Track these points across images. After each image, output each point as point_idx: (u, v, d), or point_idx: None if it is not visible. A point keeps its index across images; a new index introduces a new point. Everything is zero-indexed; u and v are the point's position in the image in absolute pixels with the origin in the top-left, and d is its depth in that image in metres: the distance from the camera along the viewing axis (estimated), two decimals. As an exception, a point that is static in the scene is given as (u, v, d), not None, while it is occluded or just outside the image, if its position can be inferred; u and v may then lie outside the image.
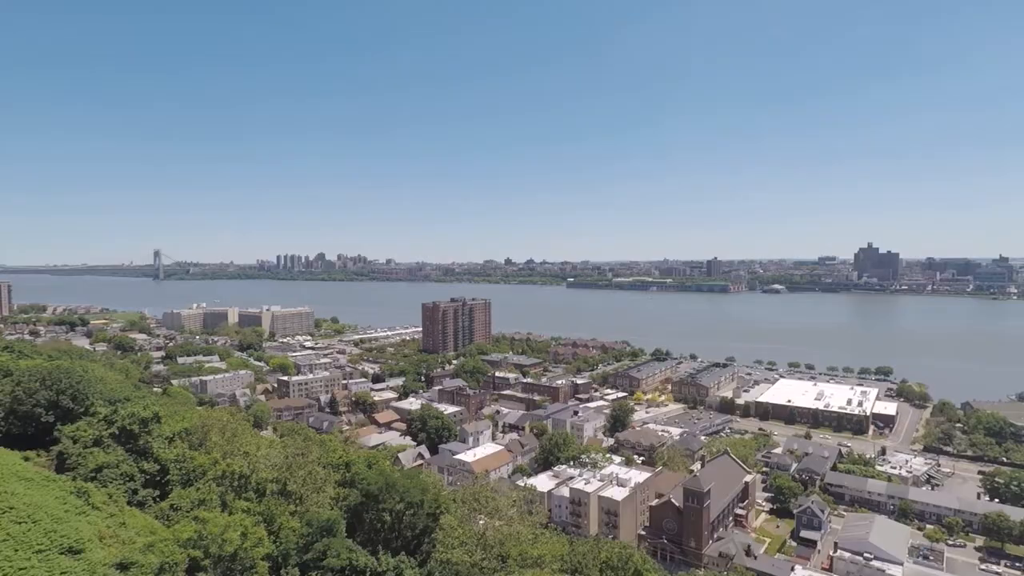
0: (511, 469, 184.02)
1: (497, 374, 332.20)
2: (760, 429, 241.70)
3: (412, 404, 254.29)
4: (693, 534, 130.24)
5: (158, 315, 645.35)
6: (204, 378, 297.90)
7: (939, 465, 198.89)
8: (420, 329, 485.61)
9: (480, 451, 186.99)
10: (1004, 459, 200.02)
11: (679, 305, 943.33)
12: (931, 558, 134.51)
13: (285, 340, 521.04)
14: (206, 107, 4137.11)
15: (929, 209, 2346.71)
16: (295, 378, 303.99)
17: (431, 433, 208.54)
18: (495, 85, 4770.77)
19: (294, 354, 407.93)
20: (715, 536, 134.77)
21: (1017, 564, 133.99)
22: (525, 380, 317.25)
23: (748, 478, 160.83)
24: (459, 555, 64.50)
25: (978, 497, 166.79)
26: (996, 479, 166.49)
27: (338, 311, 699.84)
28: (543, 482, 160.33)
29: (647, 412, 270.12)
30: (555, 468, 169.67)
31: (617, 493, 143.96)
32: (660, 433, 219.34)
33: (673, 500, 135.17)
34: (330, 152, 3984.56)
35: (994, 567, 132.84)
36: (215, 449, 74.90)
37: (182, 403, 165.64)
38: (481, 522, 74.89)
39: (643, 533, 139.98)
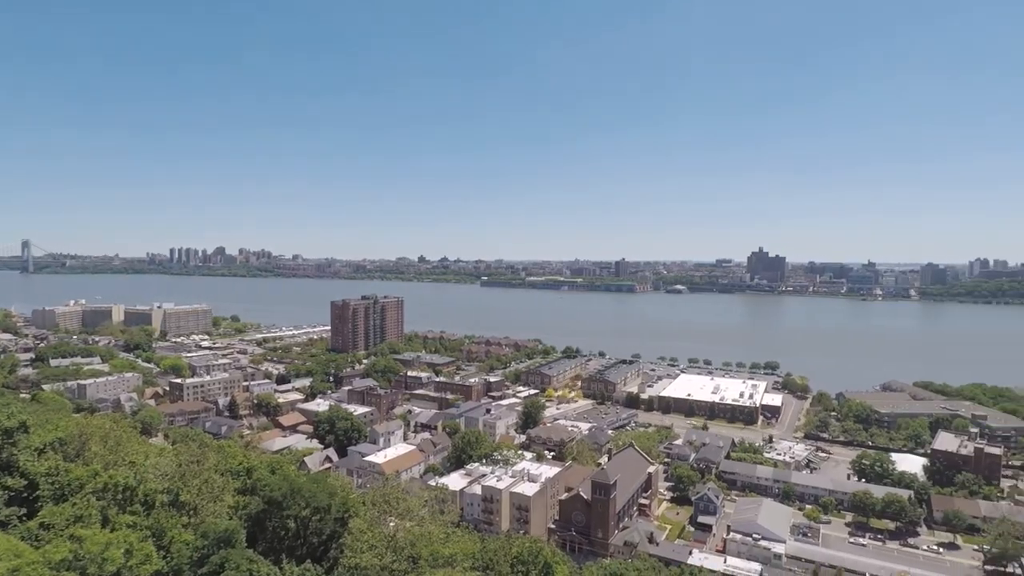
0: (423, 469, 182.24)
1: (409, 373, 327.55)
2: (663, 422, 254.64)
3: (320, 405, 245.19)
4: (600, 525, 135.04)
5: (27, 312, 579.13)
6: (82, 382, 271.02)
7: (817, 450, 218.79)
8: (329, 328, 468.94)
9: (391, 452, 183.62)
10: (870, 443, 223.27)
11: (589, 304, 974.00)
12: (809, 535, 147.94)
13: (179, 340, 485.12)
14: (88, 98, 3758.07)
15: (811, 218, 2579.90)
16: (190, 380, 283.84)
17: (340, 435, 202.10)
18: (406, 88, 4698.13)
19: (189, 355, 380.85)
20: (621, 526, 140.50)
21: (879, 536, 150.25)
22: (438, 379, 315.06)
23: (651, 469, 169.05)
24: (368, 559, 62.98)
25: (848, 478, 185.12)
26: (863, 461, 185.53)
27: (239, 309, 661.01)
28: (455, 481, 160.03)
29: (558, 408, 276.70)
30: (468, 466, 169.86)
31: (528, 489, 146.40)
32: (570, 428, 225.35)
33: (582, 493, 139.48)
34: (232, 145, 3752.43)
35: (860, 540, 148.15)
36: (95, 460, 68.49)
37: (55, 410, 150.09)
38: (392, 524, 73.56)
39: (553, 527, 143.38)
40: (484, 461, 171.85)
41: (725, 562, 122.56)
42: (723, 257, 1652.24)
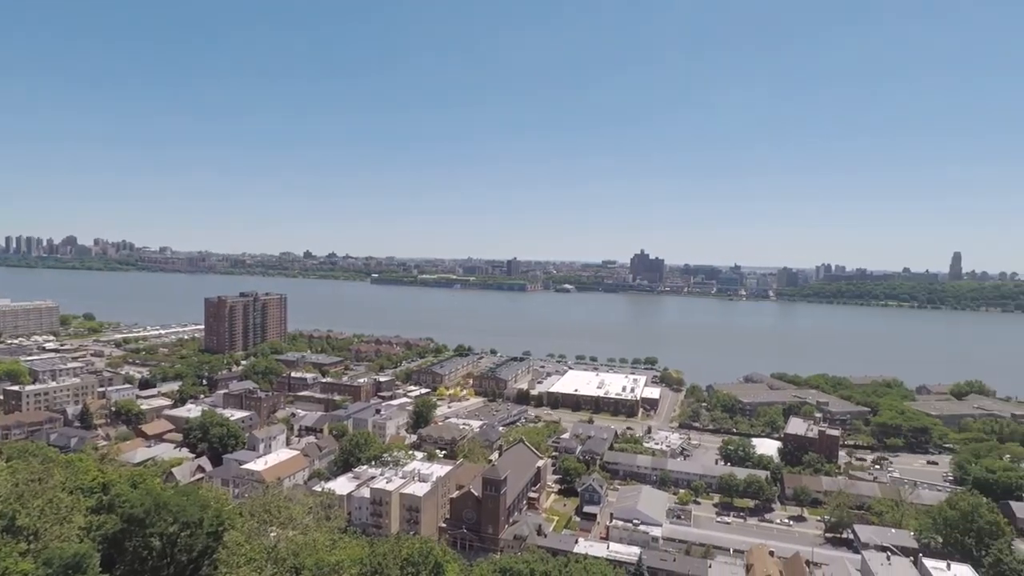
0: (308, 474, 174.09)
1: (293, 374, 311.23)
2: (552, 417, 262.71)
3: (191, 411, 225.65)
4: (491, 521, 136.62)
5: None
6: None
7: (690, 439, 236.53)
8: (202, 327, 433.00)
9: (272, 458, 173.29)
10: (734, 430, 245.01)
11: (481, 302, 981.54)
12: (682, 517, 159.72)
13: (17, 341, 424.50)
14: None
15: (686, 222, 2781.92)
16: (31, 387, 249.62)
17: (214, 442, 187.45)
18: (291, 74, 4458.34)
19: (30, 358, 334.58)
20: (511, 520, 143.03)
21: (741, 513, 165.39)
22: (324, 380, 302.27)
23: (540, 463, 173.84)
24: (246, 573, 59.08)
25: (716, 463, 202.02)
26: (728, 447, 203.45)
27: (94, 306, 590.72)
28: (343, 485, 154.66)
29: (450, 407, 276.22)
30: (356, 469, 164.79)
31: (419, 489, 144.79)
32: (461, 426, 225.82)
33: (473, 490, 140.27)
34: (92, 127, 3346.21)
35: (726, 518, 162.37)
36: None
37: None
38: (273, 534, 69.59)
39: (444, 525, 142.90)
40: (373, 463, 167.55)
41: (608, 548, 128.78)
42: (609, 258, 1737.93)
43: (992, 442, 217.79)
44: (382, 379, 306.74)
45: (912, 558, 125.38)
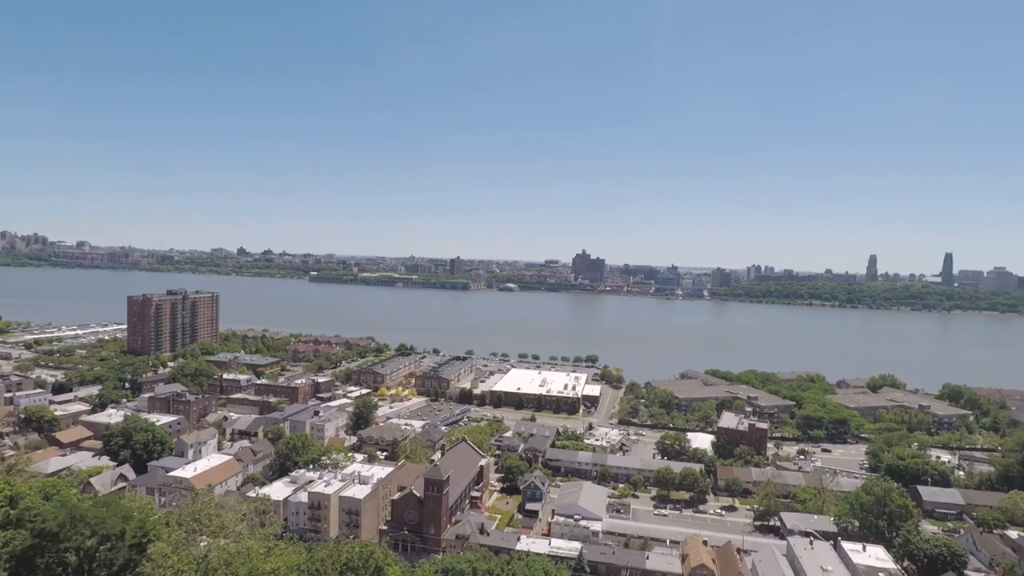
0: (241, 480, 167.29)
1: (226, 376, 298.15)
2: (495, 415, 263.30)
3: (112, 417, 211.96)
4: (433, 521, 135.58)
5: None
6: None
7: (629, 434, 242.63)
8: (125, 327, 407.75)
9: (202, 464, 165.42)
10: (671, 425, 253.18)
11: (424, 301, 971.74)
12: (621, 511, 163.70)
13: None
14: None
15: (625, 224, 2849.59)
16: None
17: (138, 449, 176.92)
18: (237, 65, 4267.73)
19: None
20: (453, 520, 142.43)
21: (677, 505, 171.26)
22: (259, 381, 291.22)
23: (483, 462, 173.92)
24: (173, 586, 56.13)
25: (653, 457, 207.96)
26: (665, 441, 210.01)
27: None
28: (279, 490, 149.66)
29: (391, 407, 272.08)
30: (293, 473, 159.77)
31: (359, 492, 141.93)
32: (403, 427, 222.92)
33: (414, 491, 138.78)
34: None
35: (663, 510, 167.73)
36: None
37: None
38: (203, 544, 66.46)
39: (385, 528, 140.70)
40: (311, 466, 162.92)
41: (550, 544, 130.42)
42: (551, 258, 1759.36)
43: (902, 431, 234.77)
44: (321, 380, 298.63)
45: (832, 542, 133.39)
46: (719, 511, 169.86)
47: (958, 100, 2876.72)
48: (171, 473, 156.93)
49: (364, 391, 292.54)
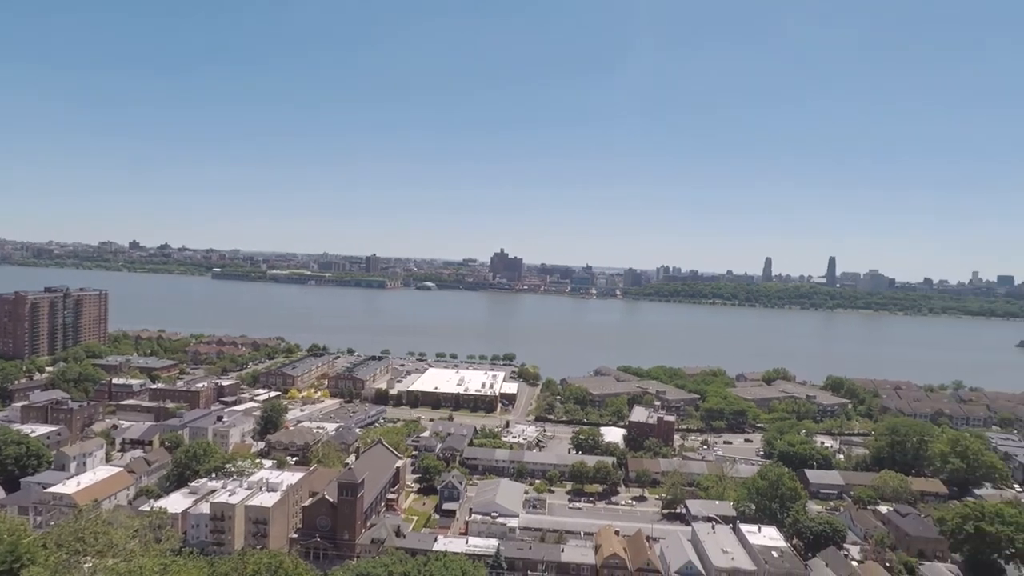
0: (133, 493, 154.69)
1: (115, 381, 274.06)
2: (411, 416, 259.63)
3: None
4: (347, 526, 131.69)
5: None
6: None
7: (545, 430, 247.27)
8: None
9: (87, 478, 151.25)
10: (585, 420, 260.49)
11: (339, 300, 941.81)
12: (537, 506, 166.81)
13: None
14: None
15: (542, 224, 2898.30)
16: None
17: (8, 464, 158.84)
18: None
19: None
20: (368, 524, 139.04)
21: (591, 498, 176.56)
22: (155, 386, 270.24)
23: (399, 463, 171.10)
24: (51, 613, 50.96)
25: (568, 452, 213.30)
26: (580, 436, 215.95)
27: None
28: (177, 502, 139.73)
29: (302, 410, 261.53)
30: (193, 483, 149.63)
31: (267, 499, 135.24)
32: (315, 430, 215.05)
33: (327, 496, 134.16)
34: None
35: (577, 504, 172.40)
36: None
37: None
38: (87, 565, 60.86)
39: (296, 536, 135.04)
40: (214, 475, 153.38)
41: (467, 543, 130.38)
42: (470, 256, 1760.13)
43: (792, 420, 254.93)
44: (225, 383, 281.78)
45: (732, 525, 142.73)
46: (630, 502, 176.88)
47: (842, 118, 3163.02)
48: (49, 489, 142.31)
49: (273, 394, 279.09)
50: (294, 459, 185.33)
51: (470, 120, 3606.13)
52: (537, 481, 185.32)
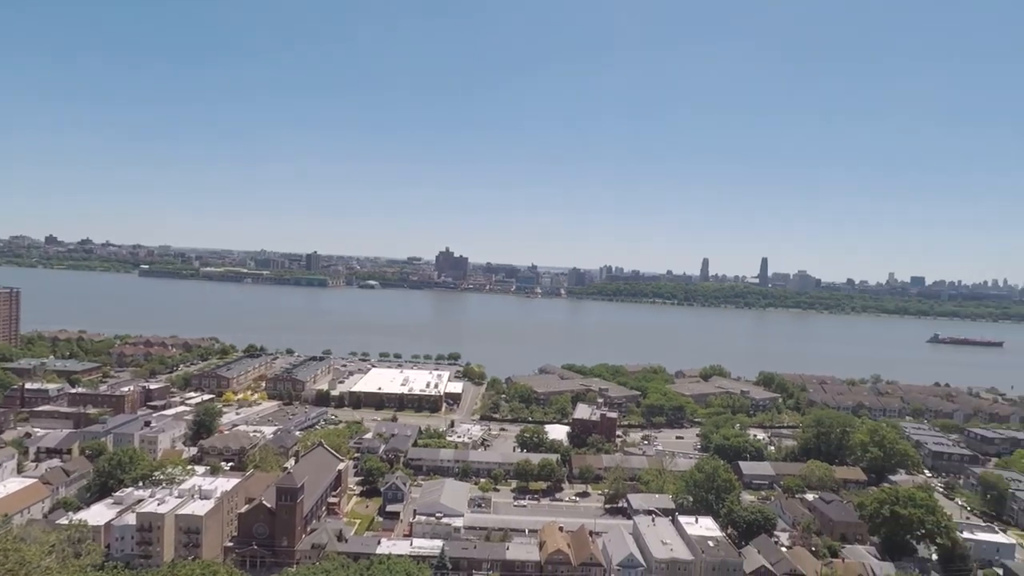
0: (49, 506, 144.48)
1: (29, 385, 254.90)
2: (354, 417, 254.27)
3: None
4: (286, 532, 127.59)
5: None
6: None
7: (490, 429, 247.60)
8: None
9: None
10: (530, 419, 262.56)
11: (277, 298, 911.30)
12: (482, 505, 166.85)
13: None
14: None
15: (488, 224, 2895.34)
16: None
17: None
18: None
19: None
20: (309, 529, 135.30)
21: (535, 496, 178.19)
22: (75, 390, 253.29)
23: (341, 466, 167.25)
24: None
25: (514, 450, 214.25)
26: (525, 434, 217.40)
27: None
28: (99, 513, 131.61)
29: (238, 413, 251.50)
30: (118, 493, 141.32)
31: (200, 507, 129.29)
32: (252, 434, 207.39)
33: (265, 502, 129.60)
34: None
35: (522, 501, 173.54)
36: None
37: None
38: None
39: (231, 544, 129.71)
40: (142, 484, 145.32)
41: (411, 544, 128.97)
42: (414, 255, 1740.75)
43: (727, 415, 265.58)
44: (153, 386, 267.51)
45: (671, 517, 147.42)
46: (574, 497, 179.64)
47: (772, 128, 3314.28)
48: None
49: (206, 397, 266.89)
50: (229, 464, 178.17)
51: (414, 119, 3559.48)
52: (482, 480, 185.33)
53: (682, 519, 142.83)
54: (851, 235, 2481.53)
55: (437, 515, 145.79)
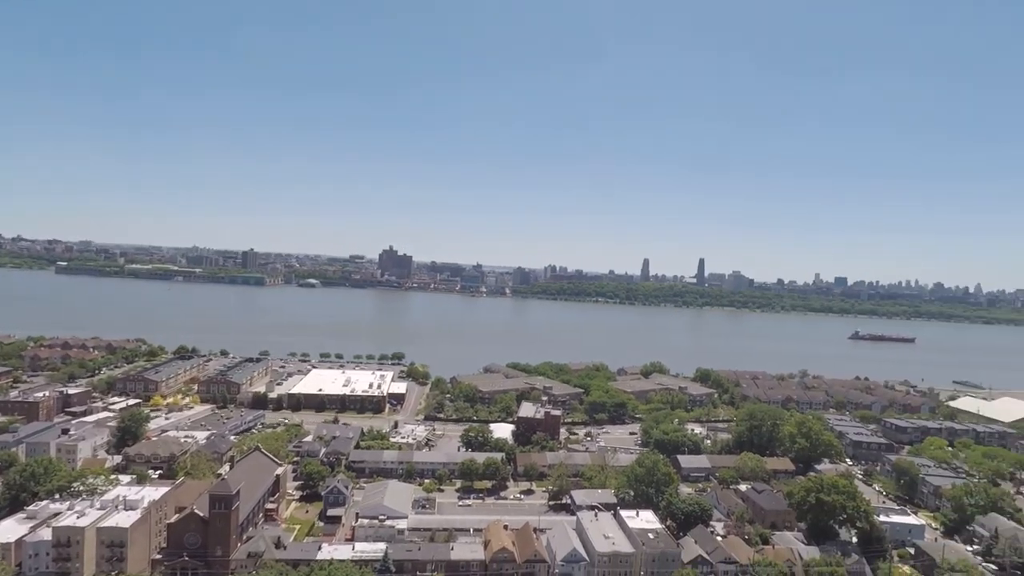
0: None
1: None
2: (293, 420, 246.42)
3: None
4: (220, 542, 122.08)
5: None
6: None
7: (435, 429, 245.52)
8: None
9: None
10: (475, 418, 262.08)
11: (211, 298, 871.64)
12: (427, 506, 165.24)
13: None
14: None
15: (433, 223, 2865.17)
16: None
17: None
18: None
19: None
20: (244, 537, 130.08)
21: (480, 495, 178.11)
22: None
23: (279, 471, 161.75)
24: None
25: (459, 450, 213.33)
26: (469, 434, 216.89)
27: None
28: (10, 529, 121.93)
29: (168, 418, 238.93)
30: (31, 507, 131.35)
31: (124, 519, 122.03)
32: (183, 440, 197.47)
33: (197, 511, 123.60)
34: None
35: (467, 501, 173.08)
36: None
37: None
38: None
39: (159, 557, 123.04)
40: (59, 496, 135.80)
41: (354, 549, 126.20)
42: (357, 253, 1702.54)
43: (667, 410, 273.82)
44: (73, 391, 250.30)
45: (613, 511, 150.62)
46: (519, 495, 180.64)
47: (711, 132, 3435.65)
48: None
49: (132, 402, 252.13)
50: (158, 473, 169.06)
51: (357, 117, 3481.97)
52: (427, 481, 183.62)
53: (623, 513, 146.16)
54: (781, 237, 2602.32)
55: (380, 517, 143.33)
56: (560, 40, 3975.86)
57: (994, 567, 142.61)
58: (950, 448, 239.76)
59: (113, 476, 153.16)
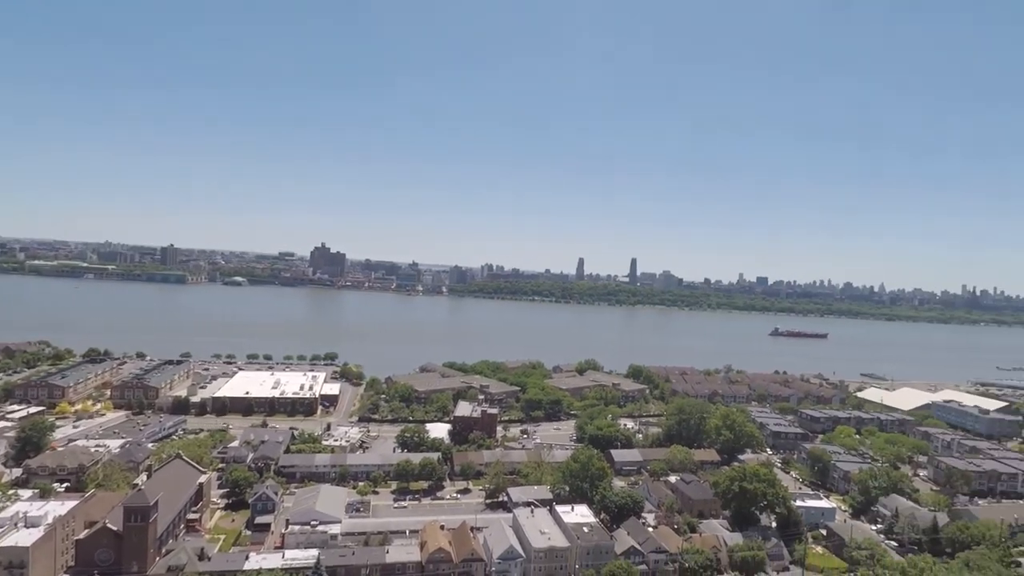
0: None
1: None
2: (217, 425, 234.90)
3: None
4: (136, 557, 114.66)
5: None
6: None
7: (369, 431, 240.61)
8: None
9: None
10: (411, 418, 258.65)
11: (126, 296, 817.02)
12: (361, 509, 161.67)
13: None
14: None
15: (367, 220, 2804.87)
16: None
17: None
18: None
19: None
20: (164, 551, 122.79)
21: (416, 496, 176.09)
22: None
23: (203, 479, 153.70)
24: None
25: (394, 451, 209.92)
26: (405, 434, 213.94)
27: None
28: None
29: (76, 427, 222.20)
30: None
31: (25, 537, 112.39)
32: (93, 449, 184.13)
33: (110, 525, 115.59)
34: None
35: (403, 502, 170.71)
36: None
37: None
38: None
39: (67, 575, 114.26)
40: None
41: (284, 557, 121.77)
42: (287, 250, 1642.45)
43: (600, 407, 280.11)
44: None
45: (549, 507, 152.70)
46: (455, 495, 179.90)
47: (639, 134, 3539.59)
48: None
49: (35, 409, 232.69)
50: (65, 485, 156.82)
51: (290, 115, 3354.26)
52: (361, 483, 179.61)
53: (559, 508, 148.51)
54: (707, 237, 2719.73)
55: (312, 523, 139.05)
56: (506, 37, 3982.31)
57: (895, 543, 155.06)
58: (857, 436, 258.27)
59: (11, 491, 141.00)
